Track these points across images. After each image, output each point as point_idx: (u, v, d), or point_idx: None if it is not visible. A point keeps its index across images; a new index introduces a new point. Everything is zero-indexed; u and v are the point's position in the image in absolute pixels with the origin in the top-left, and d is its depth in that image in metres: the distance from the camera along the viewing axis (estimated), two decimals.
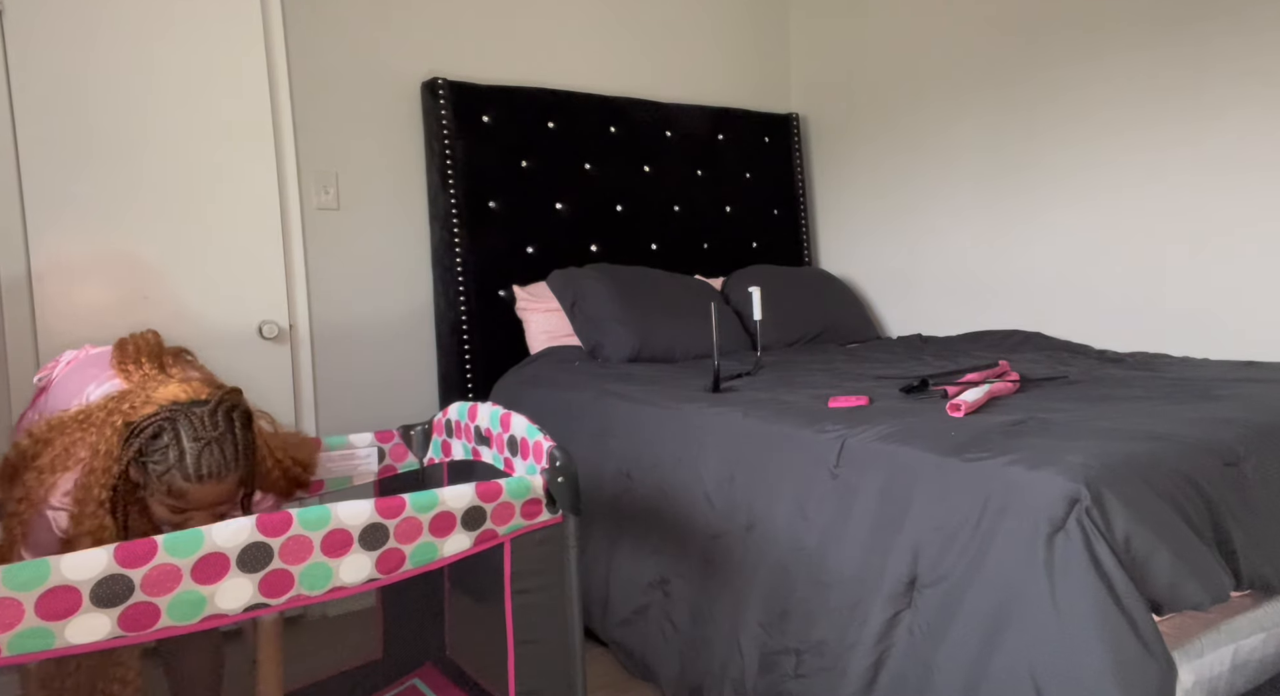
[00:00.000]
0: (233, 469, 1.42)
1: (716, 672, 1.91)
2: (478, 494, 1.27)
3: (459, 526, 1.28)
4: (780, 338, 3.17)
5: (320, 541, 1.16)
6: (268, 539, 1.12)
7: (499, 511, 1.31)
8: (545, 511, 1.35)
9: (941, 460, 1.61)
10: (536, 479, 1.34)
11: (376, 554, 1.21)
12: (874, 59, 3.61)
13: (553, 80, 3.23)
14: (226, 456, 1.41)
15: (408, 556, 1.24)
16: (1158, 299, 2.83)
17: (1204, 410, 1.88)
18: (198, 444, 1.38)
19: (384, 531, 1.21)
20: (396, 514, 1.22)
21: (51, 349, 2.28)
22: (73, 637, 1.00)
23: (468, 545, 1.29)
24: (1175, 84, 2.74)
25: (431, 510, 1.25)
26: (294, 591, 1.15)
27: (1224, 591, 1.49)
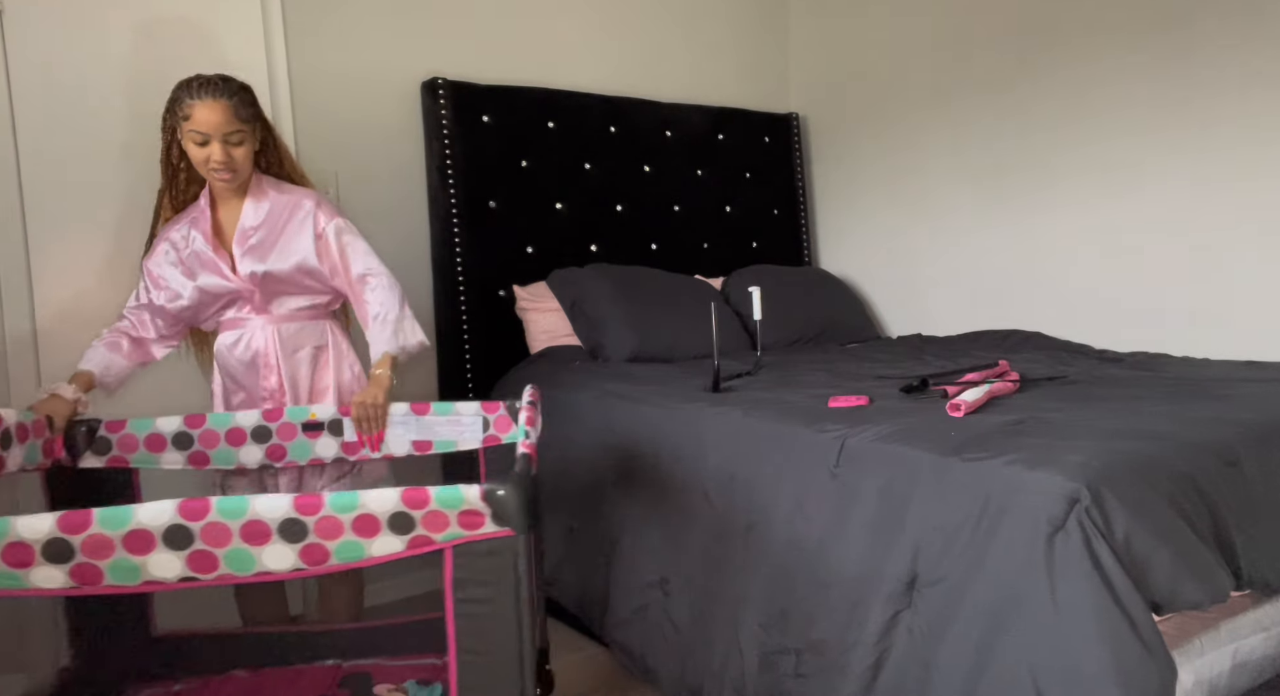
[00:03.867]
0: (224, 92, 1.88)
1: (716, 672, 1.91)
2: (403, 499, 1.23)
3: (385, 529, 1.24)
4: (780, 338, 3.16)
5: (239, 530, 1.20)
6: (187, 522, 1.18)
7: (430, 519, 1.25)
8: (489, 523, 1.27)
9: (941, 460, 1.61)
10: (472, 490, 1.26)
11: (299, 546, 1.23)
12: (874, 59, 3.61)
13: (553, 80, 3.23)
14: (221, 81, 1.90)
15: (332, 552, 1.24)
16: (1158, 299, 2.83)
17: (1204, 410, 1.88)
18: (200, 77, 1.92)
19: (303, 527, 1.22)
20: (314, 512, 1.22)
21: (51, 349, 2.27)
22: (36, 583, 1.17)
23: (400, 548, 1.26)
24: (1175, 83, 2.74)
25: (351, 511, 1.22)
26: (221, 570, 1.21)
27: (1224, 591, 1.49)
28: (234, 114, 1.90)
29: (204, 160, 1.93)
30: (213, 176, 1.97)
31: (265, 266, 2.01)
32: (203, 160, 1.93)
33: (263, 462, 1.99)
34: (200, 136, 1.90)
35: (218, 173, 1.95)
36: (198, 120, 1.88)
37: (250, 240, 2.01)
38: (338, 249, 2.03)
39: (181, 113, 1.90)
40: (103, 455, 1.93)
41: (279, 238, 2.02)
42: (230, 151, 1.92)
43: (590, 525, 2.33)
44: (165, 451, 1.95)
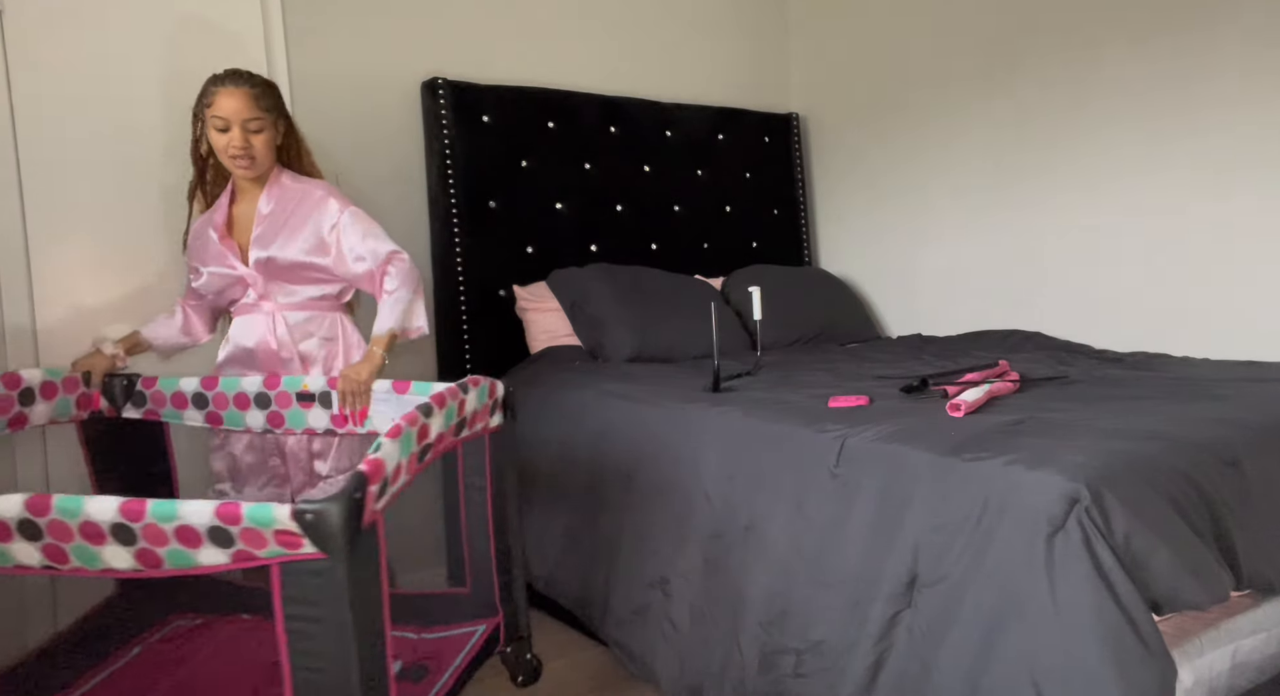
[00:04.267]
0: (246, 82, 1.97)
1: (716, 672, 1.91)
2: (217, 514, 1.19)
3: (206, 541, 1.21)
4: (780, 338, 3.16)
5: (78, 528, 1.22)
6: (34, 517, 1.22)
7: (248, 535, 1.20)
8: (307, 544, 1.20)
9: (941, 460, 1.61)
10: (283, 510, 1.20)
11: (133, 549, 1.23)
12: (874, 59, 3.61)
13: (553, 80, 3.23)
14: (246, 73, 1.99)
15: (164, 558, 1.23)
16: (1157, 299, 2.83)
17: (1204, 410, 1.88)
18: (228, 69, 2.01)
19: (131, 532, 1.21)
20: (138, 518, 1.21)
21: (52, 349, 2.27)
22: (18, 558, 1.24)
23: (226, 560, 1.22)
24: (1175, 83, 2.74)
25: (171, 521, 1.20)
26: (72, 563, 1.24)
27: (1224, 591, 1.49)
28: (255, 102, 1.97)
29: (224, 147, 1.99)
30: (232, 163, 2.00)
31: (268, 253, 2.03)
32: (223, 147, 1.99)
33: (265, 428, 2.02)
34: (221, 122, 1.97)
35: (237, 159, 1.99)
36: (219, 106, 1.96)
37: (260, 228, 2.04)
38: (358, 234, 2.03)
39: (206, 101, 1.99)
40: (140, 408, 2.07)
41: (286, 225, 2.04)
42: (249, 139, 1.98)
43: (590, 525, 2.33)
44: (187, 409, 2.06)
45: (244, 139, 1.98)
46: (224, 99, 1.96)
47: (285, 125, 2.09)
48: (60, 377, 1.96)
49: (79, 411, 2.01)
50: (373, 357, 1.97)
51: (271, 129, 2.02)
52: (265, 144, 2.01)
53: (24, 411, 1.88)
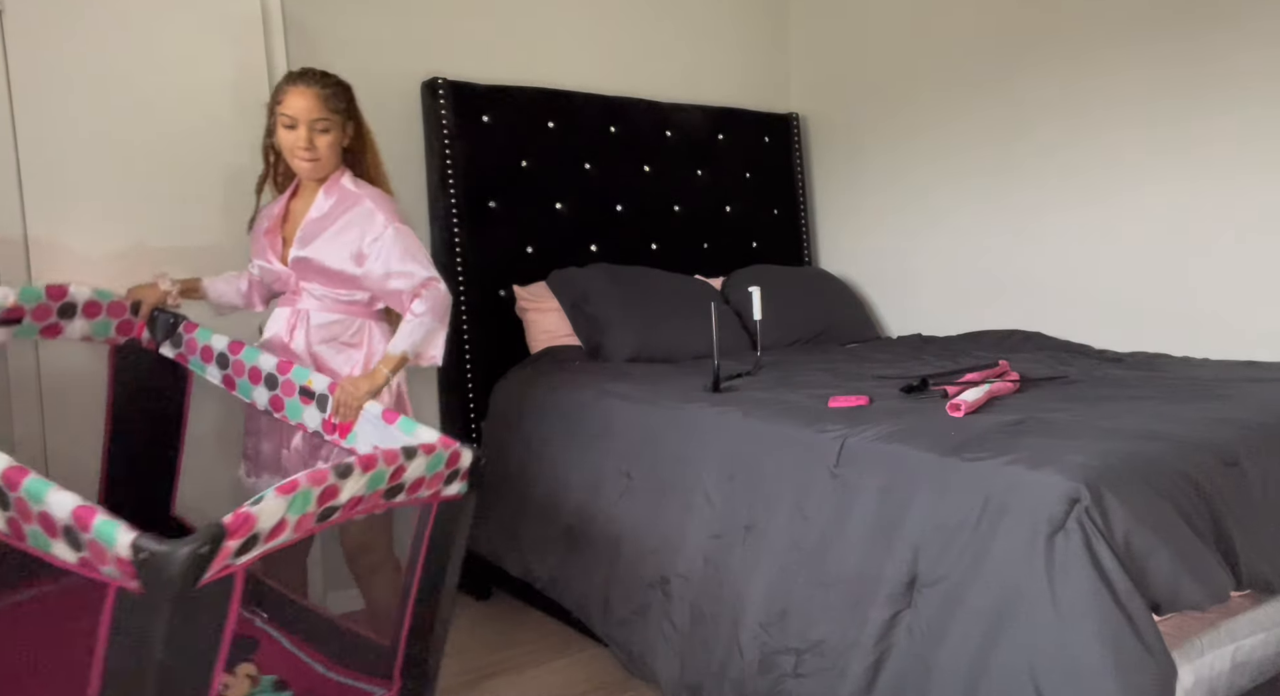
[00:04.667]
0: (318, 82, 1.96)
1: (716, 672, 1.91)
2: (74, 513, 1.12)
3: (61, 536, 1.15)
4: (780, 338, 3.16)
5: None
6: None
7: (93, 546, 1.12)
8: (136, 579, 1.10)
9: (941, 460, 1.61)
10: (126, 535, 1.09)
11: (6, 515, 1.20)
12: (874, 59, 3.61)
13: (553, 80, 3.23)
14: (320, 73, 1.99)
15: (27, 535, 1.19)
16: (1157, 299, 2.83)
17: (1204, 410, 1.88)
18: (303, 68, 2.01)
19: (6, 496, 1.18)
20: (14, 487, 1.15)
21: (51, 349, 2.27)
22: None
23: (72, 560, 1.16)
24: (1175, 83, 2.74)
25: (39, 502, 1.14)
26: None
27: (1224, 591, 1.49)
28: (323, 102, 1.96)
29: (290, 145, 1.99)
30: (296, 161, 2.00)
31: (305, 253, 2.02)
32: (289, 145, 1.99)
33: (266, 407, 2.01)
34: (289, 120, 1.97)
35: (301, 157, 1.98)
36: (288, 104, 1.96)
37: (306, 227, 2.03)
38: (398, 252, 1.98)
39: (277, 97, 1.99)
40: (175, 349, 2.10)
41: (330, 229, 2.02)
42: (315, 138, 1.97)
43: (590, 525, 2.33)
44: (210, 365, 2.07)
45: (309, 138, 1.97)
46: (294, 97, 1.96)
47: (355, 128, 2.07)
48: (108, 300, 2.01)
49: (117, 335, 2.06)
50: (375, 376, 1.94)
51: (339, 130, 2.01)
52: (330, 145, 2.00)
53: (60, 323, 1.94)
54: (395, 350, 1.95)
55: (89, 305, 1.97)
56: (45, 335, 1.96)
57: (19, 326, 1.90)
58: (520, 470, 2.57)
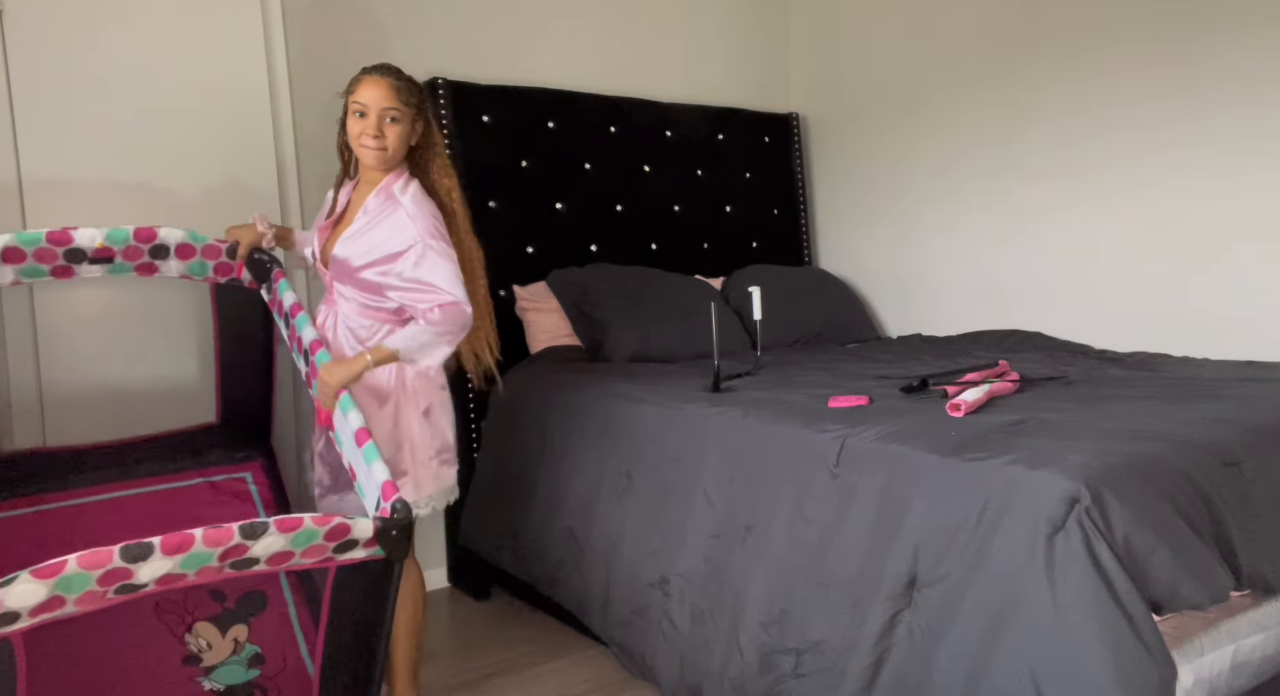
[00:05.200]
0: (394, 74, 1.97)
1: (716, 672, 1.91)
2: None
3: None
4: (780, 338, 3.16)
5: None
6: None
7: None
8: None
9: (941, 460, 1.61)
10: None
11: None
12: (874, 59, 3.61)
13: (553, 80, 3.23)
14: (395, 68, 1.99)
15: None
16: (1157, 299, 2.83)
17: (1204, 410, 1.88)
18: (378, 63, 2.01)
19: None
20: None
21: (52, 352, 2.27)
22: None
23: None
24: (1175, 84, 2.74)
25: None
26: None
27: (1224, 591, 1.49)
28: (395, 93, 1.95)
29: (358, 133, 1.96)
30: (363, 149, 1.96)
31: (344, 254, 1.99)
32: (357, 133, 1.96)
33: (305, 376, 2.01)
34: (360, 107, 1.95)
35: (368, 144, 1.95)
36: (360, 93, 1.95)
37: (352, 227, 2.00)
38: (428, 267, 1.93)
39: (350, 88, 1.99)
40: (269, 294, 2.13)
41: (371, 232, 1.99)
42: (384, 127, 1.95)
43: (590, 525, 2.33)
44: (280, 318, 2.08)
45: (379, 126, 1.94)
46: (366, 86, 1.95)
47: (425, 128, 2.04)
48: (201, 244, 2.05)
49: (216, 275, 2.11)
50: (355, 362, 1.88)
51: (408, 123, 1.98)
52: (400, 136, 1.97)
53: (154, 263, 2.00)
54: (389, 345, 1.90)
55: (182, 247, 2.01)
56: (140, 273, 2.02)
57: (111, 265, 1.97)
58: (520, 470, 2.57)
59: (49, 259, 1.92)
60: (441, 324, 1.91)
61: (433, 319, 1.91)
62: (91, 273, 1.98)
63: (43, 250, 1.90)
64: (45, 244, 1.89)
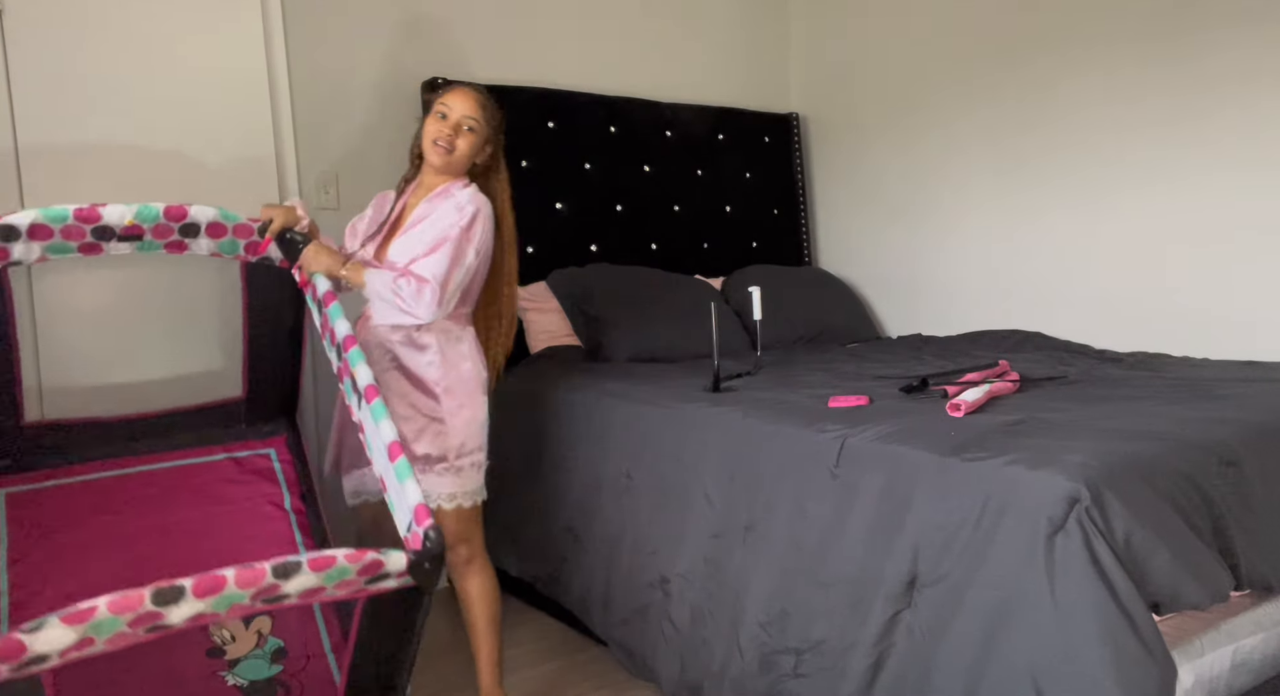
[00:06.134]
0: (484, 93, 2.07)
1: (716, 672, 1.91)
2: None
3: None
4: (780, 338, 3.16)
5: None
6: None
7: None
8: None
9: (941, 460, 1.61)
10: None
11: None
12: (874, 59, 3.61)
13: (553, 80, 3.23)
14: (479, 87, 2.09)
15: None
16: (1158, 299, 2.83)
17: (1204, 410, 1.88)
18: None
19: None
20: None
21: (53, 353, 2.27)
22: None
23: None
24: (1176, 83, 2.74)
25: None
26: None
27: (1224, 591, 1.49)
28: (481, 106, 2.05)
29: (434, 133, 2.02)
30: (432, 149, 2.02)
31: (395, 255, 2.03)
32: (433, 133, 2.03)
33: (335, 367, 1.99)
34: (444, 109, 2.03)
35: (438, 145, 2.01)
36: (448, 98, 2.04)
37: (405, 234, 2.05)
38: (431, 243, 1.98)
39: (439, 95, 2.07)
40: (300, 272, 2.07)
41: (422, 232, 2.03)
42: (459, 134, 2.03)
43: (590, 525, 2.33)
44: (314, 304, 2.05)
45: (453, 132, 2.02)
46: (456, 94, 2.04)
47: (494, 152, 2.14)
48: (233, 222, 2.02)
49: (246, 254, 2.08)
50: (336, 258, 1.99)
51: (480, 139, 2.07)
52: (470, 146, 2.05)
53: (184, 241, 1.99)
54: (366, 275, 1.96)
55: (213, 226, 1.99)
56: (169, 251, 2.00)
57: (140, 243, 1.95)
58: (520, 470, 2.57)
59: (76, 236, 1.88)
60: (408, 294, 1.93)
61: (408, 285, 1.93)
62: (120, 250, 1.96)
63: (70, 227, 1.86)
64: (72, 221, 1.85)
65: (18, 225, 1.76)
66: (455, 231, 1.99)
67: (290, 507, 2.13)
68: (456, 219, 2.01)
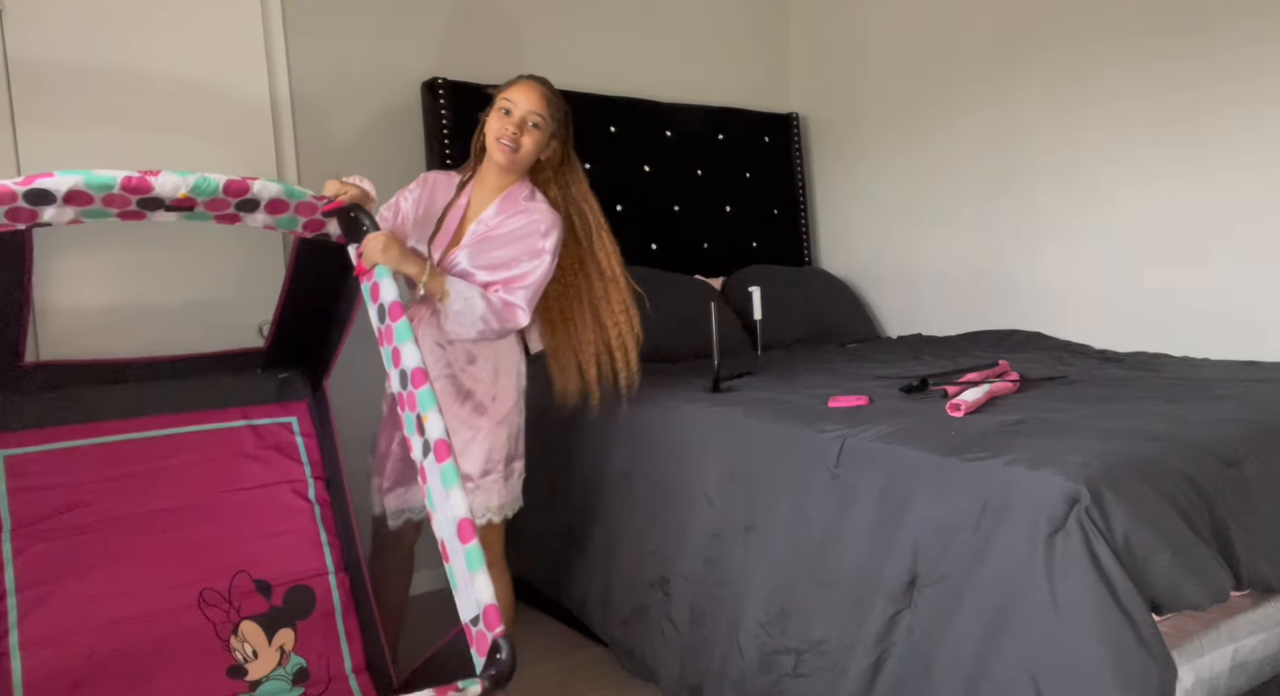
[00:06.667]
0: (546, 85, 2.00)
1: (716, 672, 1.92)
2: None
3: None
4: (780, 337, 3.16)
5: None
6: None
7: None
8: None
9: (941, 460, 1.61)
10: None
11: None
12: (874, 59, 3.61)
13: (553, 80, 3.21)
14: (547, 80, 2.03)
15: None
16: (1158, 299, 2.83)
17: (1204, 410, 1.88)
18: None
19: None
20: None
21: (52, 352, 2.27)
22: None
23: None
24: (1176, 83, 2.74)
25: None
26: None
27: (1224, 591, 1.49)
28: (545, 101, 1.98)
29: (498, 129, 1.96)
30: (496, 146, 1.96)
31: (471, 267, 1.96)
32: (497, 129, 1.96)
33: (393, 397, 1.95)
34: (508, 105, 1.96)
35: (503, 143, 1.95)
36: (513, 92, 1.97)
37: (478, 237, 1.98)
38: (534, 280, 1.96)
39: (503, 89, 2.00)
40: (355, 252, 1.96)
41: (501, 242, 1.98)
42: (524, 131, 1.96)
43: (590, 525, 2.33)
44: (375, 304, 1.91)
45: (518, 128, 1.95)
46: (521, 88, 1.98)
47: (560, 147, 2.08)
48: (297, 200, 1.88)
49: (304, 231, 1.97)
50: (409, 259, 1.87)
51: (546, 135, 2.00)
52: (535, 143, 1.98)
53: (238, 214, 1.86)
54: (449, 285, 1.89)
55: (275, 202, 1.86)
56: (219, 222, 1.90)
57: (189, 213, 1.84)
58: None
59: (119, 204, 1.73)
60: (493, 316, 1.90)
61: (494, 306, 1.90)
62: (164, 218, 1.83)
63: (114, 196, 1.69)
64: (119, 190, 1.68)
65: (54, 190, 1.63)
66: (545, 259, 1.95)
67: (315, 497, 2.06)
68: (541, 244, 1.96)
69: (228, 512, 1.96)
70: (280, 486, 2.04)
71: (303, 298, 2.11)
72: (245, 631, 1.87)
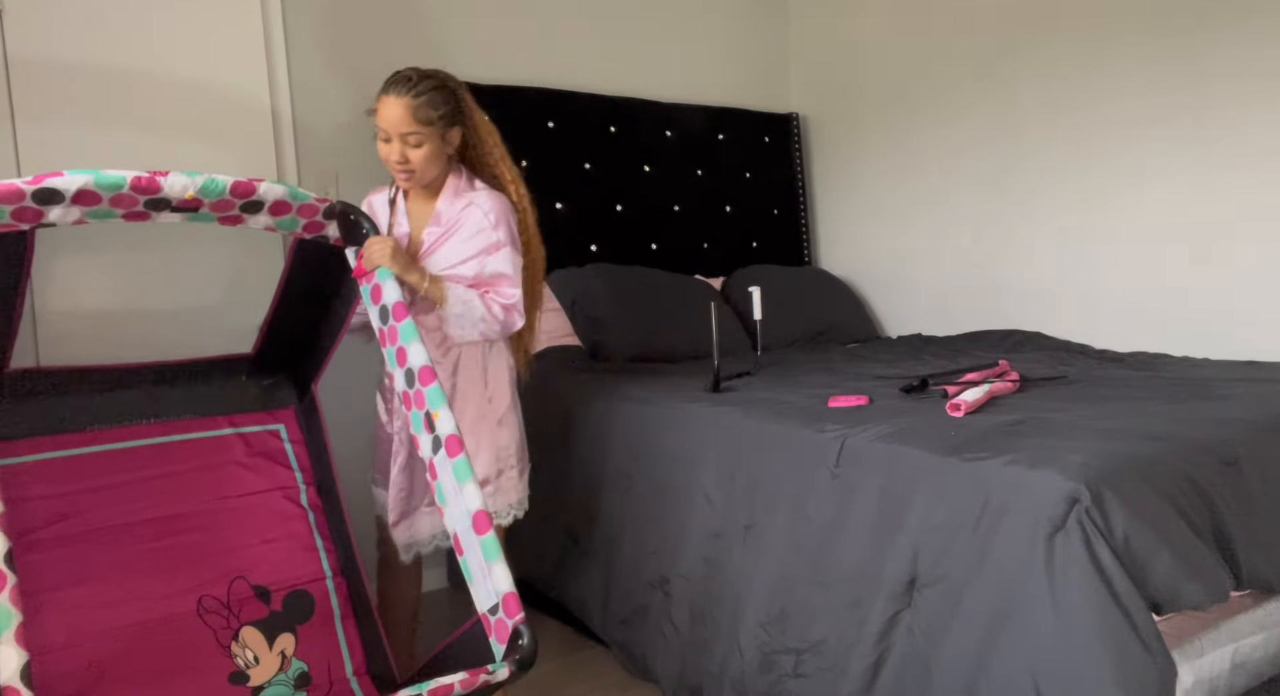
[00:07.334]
0: (408, 90, 1.84)
1: (716, 672, 1.92)
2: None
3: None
4: (780, 337, 3.16)
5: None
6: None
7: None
8: None
9: (941, 460, 1.61)
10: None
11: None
12: (874, 59, 3.61)
13: (553, 80, 3.23)
14: (414, 78, 1.86)
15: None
16: (1158, 299, 2.83)
17: (1204, 410, 1.88)
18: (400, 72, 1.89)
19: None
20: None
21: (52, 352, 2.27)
22: None
23: None
24: (1176, 83, 2.74)
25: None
26: None
27: (1224, 591, 1.49)
28: (412, 114, 1.84)
29: (385, 158, 1.90)
30: (398, 177, 1.92)
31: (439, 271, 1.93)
32: (384, 158, 1.90)
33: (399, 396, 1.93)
34: (382, 132, 1.87)
35: (396, 171, 1.90)
36: (380, 115, 1.87)
37: (431, 240, 1.96)
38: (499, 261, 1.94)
39: (374, 106, 1.89)
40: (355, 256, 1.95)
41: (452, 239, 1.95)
42: (407, 152, 1.86)
43: (590, 525, 2.33)
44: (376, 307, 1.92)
45: (402, 152, 1.86)
46: (383, 107, 1.86)
47: (462, 132, 1.96)
48: (300, 202, 1.87)
49: (304, 232, 1.95)
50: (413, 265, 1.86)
51: (435, 141, 1.88)
52: (426, 157, 1.88)
53: (242, 216, 1.86)
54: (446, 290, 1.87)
55: (278, 204, 1.85)
56: (223, 223, 1.89)
57: (193, 214, 1.83)
58: None
59: (127, 204, 1.73)
60: (494, 319, 1.90)
61: (493, 310, 1.90)
62: (169, 219, 1.83)
63: (122, 197, 1.69)
64: (128, 190, 1.68)
65: (63, 189, 1.62)
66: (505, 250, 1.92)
67: (307, 503, 2.05)
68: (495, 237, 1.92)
69: (222, 520, 1.96)
70: (272, 493, 2.03)
71: (297, 300, 2.10)
72: (246, 637, 1.87)
